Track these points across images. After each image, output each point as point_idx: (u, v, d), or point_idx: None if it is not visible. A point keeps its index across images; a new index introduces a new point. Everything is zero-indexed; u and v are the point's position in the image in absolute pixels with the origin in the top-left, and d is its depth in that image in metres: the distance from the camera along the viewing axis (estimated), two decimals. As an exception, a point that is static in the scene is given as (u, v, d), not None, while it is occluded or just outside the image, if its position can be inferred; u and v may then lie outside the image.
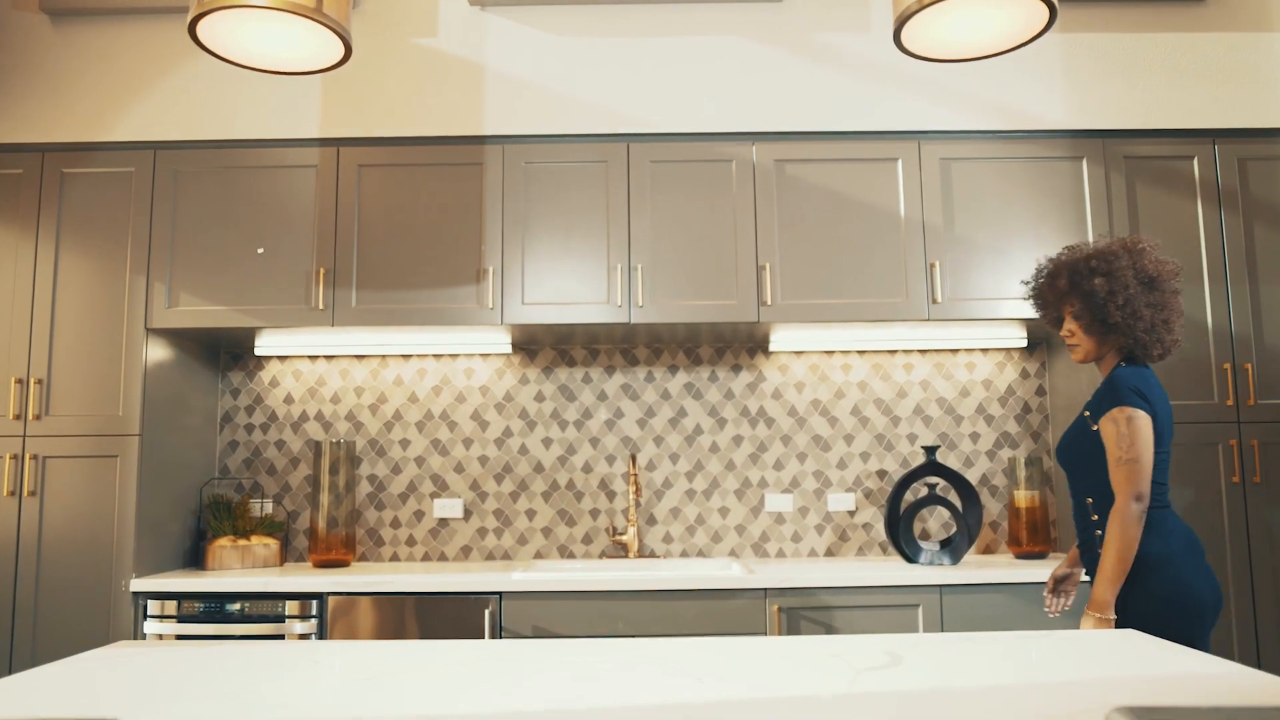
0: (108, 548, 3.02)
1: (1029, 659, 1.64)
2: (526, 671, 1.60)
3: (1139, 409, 2.16)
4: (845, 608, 2.89)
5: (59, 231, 3.16)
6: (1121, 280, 2.21)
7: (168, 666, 1.66)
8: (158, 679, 1.56)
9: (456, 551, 3.54)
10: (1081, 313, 2.28)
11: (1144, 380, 2.21)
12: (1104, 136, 3.21)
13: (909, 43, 1.88)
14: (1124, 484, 2.14)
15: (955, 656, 1.67)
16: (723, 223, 3.18)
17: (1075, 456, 2.30)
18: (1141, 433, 2.15)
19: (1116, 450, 2.16)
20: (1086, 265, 2.27)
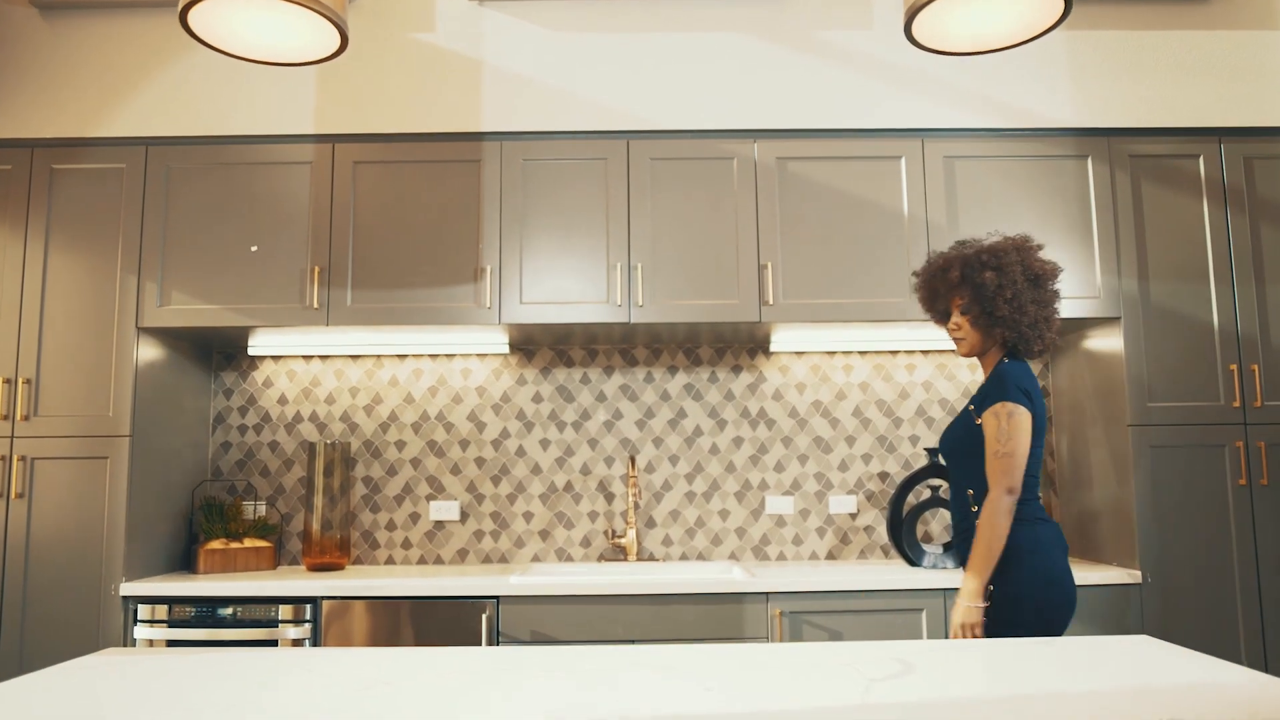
0: (97, 551, 2.96)
1: (1046, 667, 1.60)
2: (528, 680, 1.55)
3: (1021, 405, 2.24)
4: (848, 612, 2.85)
5: (49, 229, 3.10)
6: (1010, 275, 2.29)
7: (158, 675, 1.61)
8: (147, 688, 1.51)
9: (453, 555, 3.49)
10: (970, 306, 2.34)
11: (1029, 378, 2.30)
12: (1109, 135, 3.17)
13: (919, 35, 1.84)
14: (998, 476, 2.21)
15: (968, 664, 1.63)
16: (724, 221, 3.14)
17: (958, 447, 2.36)
18: (1020, 428, 2.22)
19: (995, 443, 2.23)
20: (978, 259, 2.33)
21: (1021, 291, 2.29)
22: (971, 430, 2.33)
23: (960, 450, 2.36)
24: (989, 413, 2.27)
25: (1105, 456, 3.16)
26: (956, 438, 2.38)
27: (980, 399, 2.32)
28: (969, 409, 2.36)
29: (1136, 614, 2.91)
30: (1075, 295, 3.11)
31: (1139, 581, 2.92)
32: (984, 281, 2.31)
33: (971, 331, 2.37)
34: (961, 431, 2.37)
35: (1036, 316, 2.31)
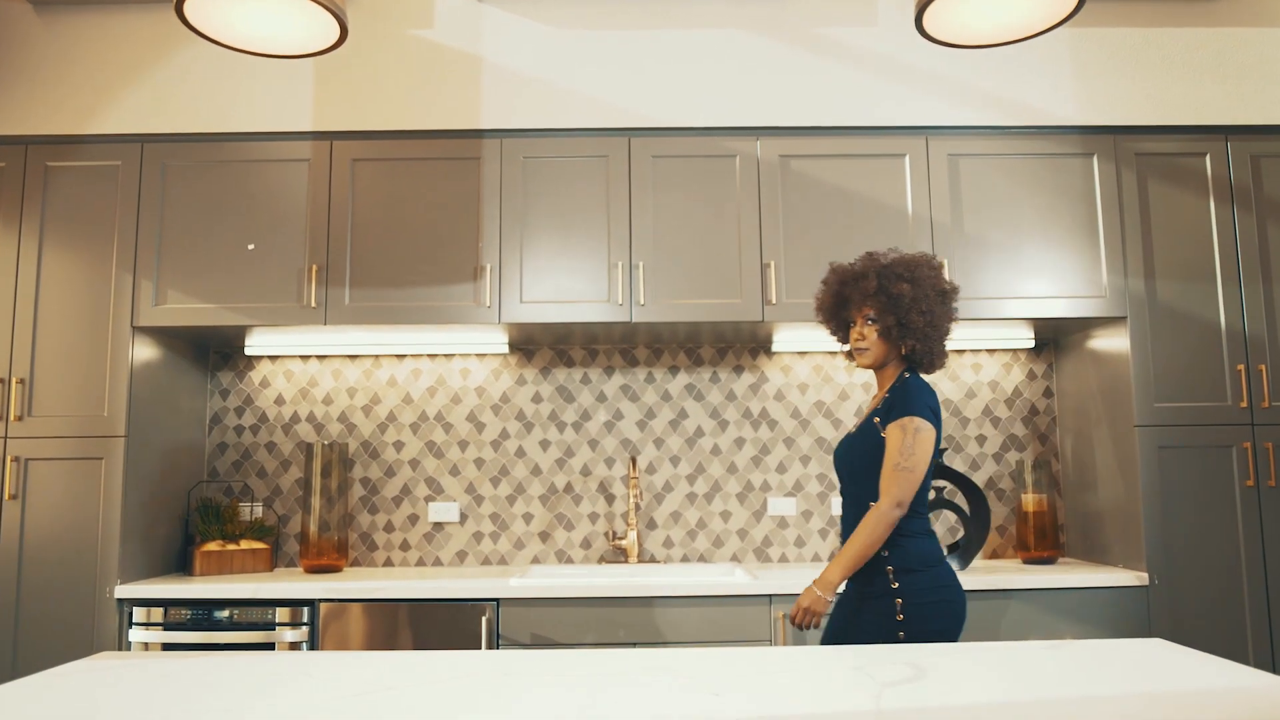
0: (92, 553, 2.92)
1: (1059, 670, 1.56)
2: (531, 685, 1.52)
3: (928, 423, 2.23)
4: (852, 614, 2.81)
5: (43, 227, 3.07)
6: (924, 289, 2.29)
7: (151, 680, 1.57)
8: (141, 695, 1.48)
9: (452, 556, 3.45)
10: (882, 316, 2.31)
11: (934, 396, 2.30)
12: (1115, 133, 3.14)
13: (929, 28, 1.81)
14: (893, 488, 2.19)
15: (980, 668, 1.59)
16: (726, 219, 3.10)
17: (862, 460, 2.29)
18: (924, 446, 2.21)
19: (897, 456, 2.20)
20: (893, 271, 2.31)
21: (934, 305, 2.30)
22: (878, 443, 2.26)
23: (865, 464, 2.27)
24: (895, 425, 2.23)
25: (1111, 458, 3.13)
26: (860, 451, 2.30)
27: (885, 411, 2.27)
28: (873, 420, 2.29)
29: (1143, 616, 2.88)
30: (1081, 295, 3.08)
31: (1146, 584, 2.89)
32: (900, 293, 2.29)
33: (878, 343, 2.33)
34: (867, 444, 2.28)
35: (941, 332, 2.33)
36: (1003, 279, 3.10)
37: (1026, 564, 3.23)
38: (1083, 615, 2.86)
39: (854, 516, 2.30)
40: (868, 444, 2.28)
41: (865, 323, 2.35)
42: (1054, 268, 3.10)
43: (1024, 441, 3.50)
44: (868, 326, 2.34)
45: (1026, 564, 3.23)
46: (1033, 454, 3.50)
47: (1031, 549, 3.23)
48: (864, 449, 2.29)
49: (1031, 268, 3.10)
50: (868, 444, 2.28)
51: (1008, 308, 3.08)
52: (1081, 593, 2.88)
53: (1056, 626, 2.85)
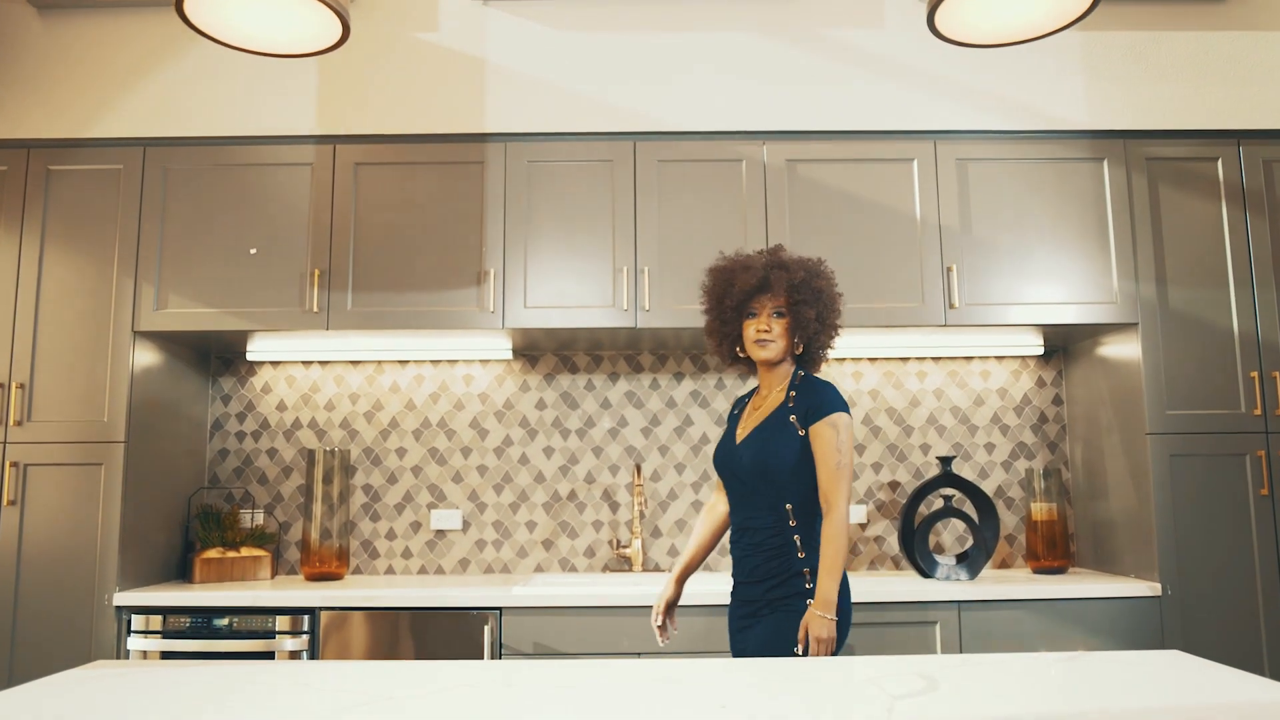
0: (91, 559, 2.89)
1: (1076, 683, 1.52)
2: (533, 696, 1.48)
3: (849, 417, 2.22)
4: (861, 625, 2.77)
5: (44, 231, 3.04)
6: (834, 290, 2.33)
7: (147, 689, 1.53)
8: (135, 705, 1.44)
9: (454, 565, 3.41)
10: (795, 310, 2.27)
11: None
12: (1125, 137, 3.11)
13: (941, 26, 1.78)
14: (842, 487, 2.16)
15: (995, 680, 1.55)
16: (732, 224, 3.07)
17: (779, 461, 2.20)
18: (851, 442, 2.21)
19: (835, 455, 2.17)
20: (815, 268, 2.31)
21: (839, 306, 2.34)
22: (798, 443, 2.20)
23: (786, 466, 2.19)
24: (825, 424, 2.18)
25: (1122, 466, 3.09)
26: (775, 452, 2.20)
27: (803, 411, 2.21)
28: (790, 421, 2.21)
29: (1156, 627, 2.83)
30: (1091, 301, 3.04)
31: (1159, 594, 2.85)
32: (822, 289, 2.29)
33: (784, 338, 2.28)
34: (787, 446, 2.20)
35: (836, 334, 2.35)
36: (1012, 285, 3.06)
37: (1036, 574, 3.18)
38: (1094, 626, 2.81)
39: (765, 522, 2.20)
40: (785, 445, 2.20)
41: (773, 315, 2.28)
42: (1064, 273, 3.06)
43: (1033, 449, 3.46)
44: (775, 319, 2.28)
45: (1036, 574, 3.18)
46: (1042, 462, 3.45)
47: (1041, 558, 3.19)
48: (781, 450, 2.20)
49: (1041, 273, 3.06)
50: (785, 445, 2.20)
51: (1017, 314, 3.05)
52: (1093, 603, 2.84)
53: (1068, 637, 2.80)
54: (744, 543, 2.27)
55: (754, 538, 2.24)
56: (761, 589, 2.20)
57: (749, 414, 2.35)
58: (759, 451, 2.23)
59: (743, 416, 2.37)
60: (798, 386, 2.27)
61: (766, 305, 2.29)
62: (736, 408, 2.45)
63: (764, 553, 2.22)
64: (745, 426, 2.31)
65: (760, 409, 2.31)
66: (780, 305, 2.28)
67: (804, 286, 2.27)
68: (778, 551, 2.20)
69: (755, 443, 2.25)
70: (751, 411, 2.35)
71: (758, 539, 2.24)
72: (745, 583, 2.27)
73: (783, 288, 2.26)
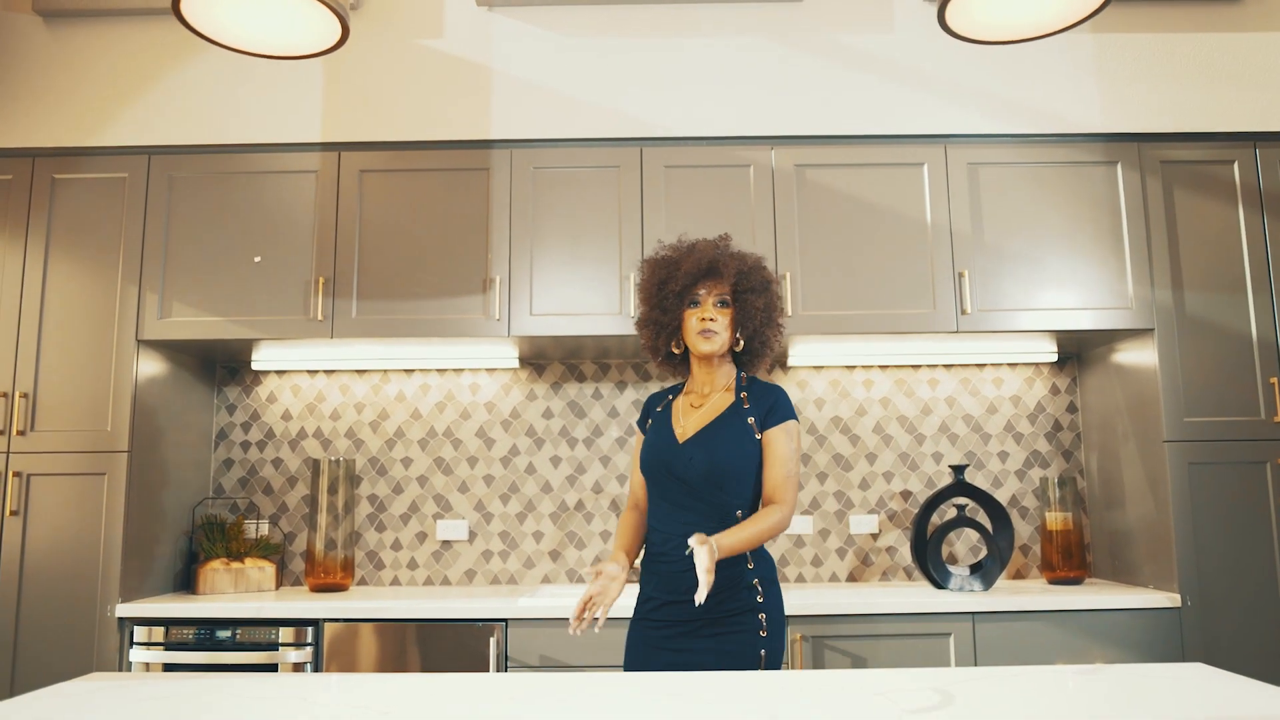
0: (93, 570, 2.86)
1: (1095, 697, 1.47)
2: (536, 711, 1.44)
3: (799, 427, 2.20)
4: (871, 636, 2.72)
5: (49, 239, 3.03)
6: (776, 289, 2.23)
7: (144, 702, 1.50)
8: (127, 719, 1.40)
9: (460, 576, 3.37)
10: (741, 299, 2.15)
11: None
12: (1139, 140, 3.06)
13: (952, 24, 1.74)
14: (791, 495, 2.08)
15: (1011, 694, 1.50)
16: (740, 230, 3.03)
17: (734, 464, 2.07)
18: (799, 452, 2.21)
19: (790, 463, 2.09)
20: (760, 261, 2.21)
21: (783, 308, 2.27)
22: (756, 446, 2.09)
23: (743, 468, 2.07)
24: (781, 430, 2.10)
25: (1139, 474, 3.03)
26: (735, 454, 2.07)
27: (763, 413, 2.10)
28: (748, 423, 2.10)
29: (1176, 639, 2.77)
30: (1106, 306, 2.99)
31: (1178, 605, 2.78)
32: (768, 280, 2.18)
33: (729, 332, 2.14)
34: (741, 448, 2.08)
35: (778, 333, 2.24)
36: (1025, 290, 3.01)
37: (1052, 584, 3.12)
38: (1112, 638, 2.75)
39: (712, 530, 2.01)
40: (744, 447, 2.08)
41: (717, 305, 2.14)
42: (1078, 279, 3.01)
43: (1047, 458, 3.40)
44: (720, 309, 2.15)
45: (1052, 584, 3.12)
46: (1057, 471, 3.40)
47: (1057, 569, 3.13)
48: (740, 452, 2.08)
49: (1054, 279, 3.01)
50: (744, 447, 2.08)
51: (1030, 320, 3.00)
52: (1110, 614, 2.78)
53: (1085, 650, 2.74)
54: (679, 554, 2.04)
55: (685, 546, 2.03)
56: (702, 607, 1.98)
57: (685, 413, 2.17)
58: (714, 453, 2.07)
59: (675, 416, 2.18)
60: (748, 388, 2.16)
61: (711, 293, 2.14)
62: (657, 405, 2.26)
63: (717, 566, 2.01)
64: (685, 426, 2.14)
65: (702, 408, 2.16)
66: (725, 294, 2.14)
67: (753, 274, 2.16)
68: (726, 562, 2.02)
69: (707, 444, 2.08)
70: (689, 410, 2.17)
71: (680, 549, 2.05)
72: (678, 601, 2.03)
73: (731, 273, 2.13)
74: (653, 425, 2.22)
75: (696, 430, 2.12)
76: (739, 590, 2.03)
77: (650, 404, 2.29)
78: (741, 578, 2.04)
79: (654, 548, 2.13)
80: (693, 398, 2.20)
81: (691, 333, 2.15)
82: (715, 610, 2.01)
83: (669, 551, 2.07)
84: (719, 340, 2.13)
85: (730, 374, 2.20)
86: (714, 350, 2.14)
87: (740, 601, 2.03)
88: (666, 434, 2.15)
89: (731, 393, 2.17)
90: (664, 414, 2.21)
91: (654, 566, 2.11)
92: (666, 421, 2.18)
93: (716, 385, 2.19)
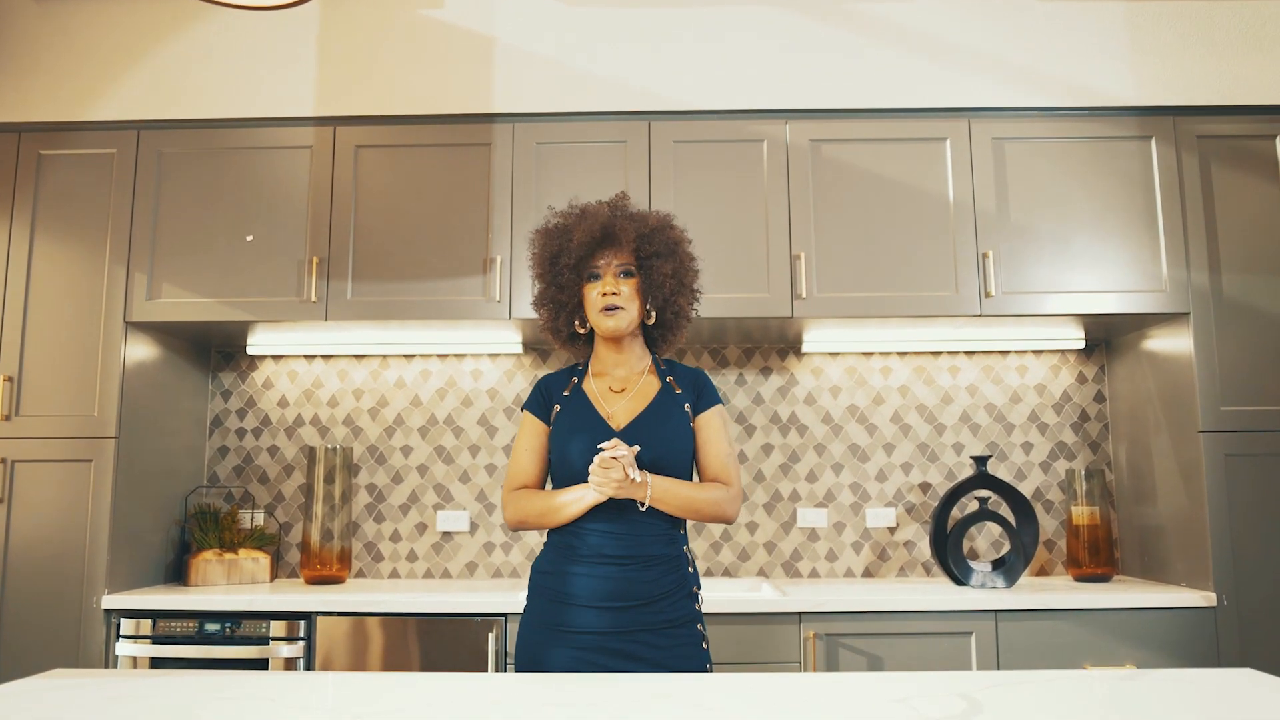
0: (79, 560, 2.76)
1: (1134, 704, 1.33)
2: (540, 713, 1.32)
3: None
4: (889, 635, 2.58)
5: (34, 217, 2.92)
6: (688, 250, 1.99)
7: (115, 702, 1.38)
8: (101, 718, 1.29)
9: (461, 568, 3.25)
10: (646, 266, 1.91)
11: None
12: (1175, 114, 2.90)
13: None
14: (739, 478, 1.95)
15: (1044, 701, 1.37)
16: (753, 208, 2.90)
17: (684, 458, 1.90)
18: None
19: (728, 444, 1.95)
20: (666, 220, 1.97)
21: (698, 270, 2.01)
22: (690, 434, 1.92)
23: (687, 459, 1.91)
24: (714, 413, 1.95)
25: (1172, 467, 2.87)
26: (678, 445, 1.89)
27: (695, 397, 1.94)
28: (684, 408, 1.92)
29: (1210, 640, 2.62)
30: (1138, 289, 2.84)
31: (1214, 604, 2.63)
32: (676, 240, 1.94)
33: (636, 305, 1.91)
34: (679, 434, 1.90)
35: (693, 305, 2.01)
36: (1052, 272, 2.86)
37: (1078, 581, 2.98)
38: (1143, 639, 2.61)
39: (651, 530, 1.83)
40: (684, 437, 1.90)
41: (620, 276, 1.91)
42: (1108, 260, 2.86)
43: (1074, 450, 3.25)
44: (624, 280, 1.91)
45: (1078, 581, 2.98)
46: (1083, 463, 3.25)
47: (1084, 565, 2.98)
48: (680, 443, 1.89)
49: (1083, 260, 2.86)
50: (684, 437, 1.90)
51: (1057, 303, 2.85)
52: (1141, 614, 2.63)
53: (1114, 651, 2.60)
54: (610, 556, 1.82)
55: (632, 548, 1.82)
56: (645, 615, 1.79)
57: (606, 399, 1.93)
58: (657, 444, 1.85)
59: (596, 402, 1.93)
60: (670, 370, 1.98)
61: (611, 264, 1.91)
62: (562, 389, 1.98)
63: (652, 567, 1.83)
64: (615, 415, 1.90)
65: (627, 394, 1.93)
66: (628, 263, 1.91)
67: (656, 236, 1.92)
68: (670, 565, 1.85)
69: (647, 433, 1.86)
70: (611, 396, 1.93)
71: (640, 550, 1.83)
72: (611, 607, 1.79)
73: (630, 238, 1.89)
74: (565, 413, 1.94)
75: (631, 419, 1.90)
76: (680, 598, 1.85)
77: (548, 388, 2.00)
78: (683, 584, 1.86)
79: (581, 549, 1.85)
80: (610, 381, 1.97)
81: (594, 310, 1.92)
82: (654, 621, 1.80)
83: (592, 555, 1.83)
84: (625, 317, 1.91)
85: (645, 356, 2.00)
86: (619, 328, 1.91)
87: (681, 610, 1.84)
88: (593, 424, 1.89)
89: (655, 376, 1.97)
90: (577, 400, 1.95)
91: (575, 569, 1.84)
92: (587, 409, 1.92)
93: (630, 369, 1.98)
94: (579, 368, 2.04)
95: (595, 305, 1.92)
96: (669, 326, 2.00)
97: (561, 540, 1.90)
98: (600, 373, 1.99)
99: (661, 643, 1.80)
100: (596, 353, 2.01)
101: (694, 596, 1.89)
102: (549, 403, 1.98)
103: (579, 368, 2.04)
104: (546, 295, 1.99)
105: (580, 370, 2.02)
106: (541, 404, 1.99)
